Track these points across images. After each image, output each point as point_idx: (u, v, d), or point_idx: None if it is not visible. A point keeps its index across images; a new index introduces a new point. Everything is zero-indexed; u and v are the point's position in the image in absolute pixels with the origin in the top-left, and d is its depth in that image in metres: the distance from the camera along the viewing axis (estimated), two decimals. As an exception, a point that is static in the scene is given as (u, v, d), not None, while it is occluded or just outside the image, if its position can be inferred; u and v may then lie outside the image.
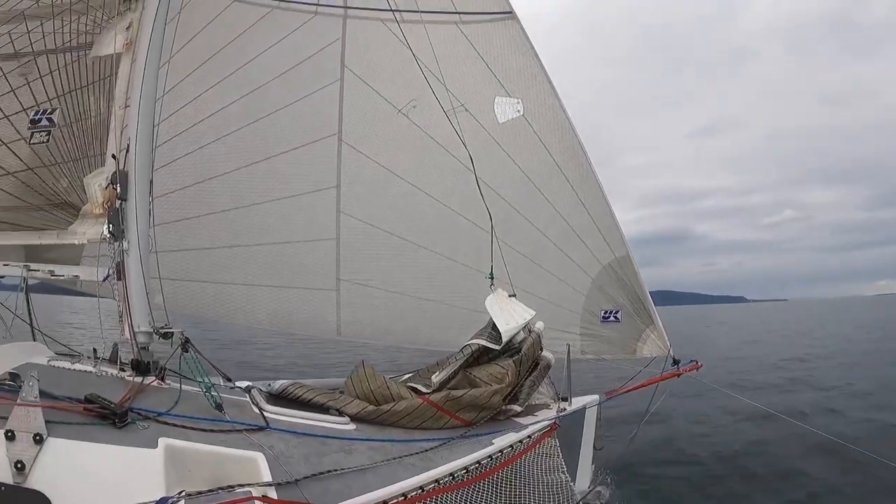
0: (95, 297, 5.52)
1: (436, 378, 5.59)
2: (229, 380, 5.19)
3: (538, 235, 7.34)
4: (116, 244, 4.87)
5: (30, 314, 5.59)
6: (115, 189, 4.89)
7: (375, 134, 7.70)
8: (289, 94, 7.59)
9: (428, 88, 6.91)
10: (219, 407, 4.21)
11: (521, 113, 7.27)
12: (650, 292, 7.34)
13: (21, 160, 5.51)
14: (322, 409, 4.99)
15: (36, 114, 5.53)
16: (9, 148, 5.56)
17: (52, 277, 5.54)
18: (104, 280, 5.08)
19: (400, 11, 7.08)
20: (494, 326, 5.85)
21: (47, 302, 6.03)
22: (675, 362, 6.68)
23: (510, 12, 7.28)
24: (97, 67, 5.53)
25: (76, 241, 5.31)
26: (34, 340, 5.44)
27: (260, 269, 7.79)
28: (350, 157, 7.70)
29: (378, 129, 7.69)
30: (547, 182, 7.27)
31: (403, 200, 7.66)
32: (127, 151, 4.94)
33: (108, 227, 4.89)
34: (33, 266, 5.45)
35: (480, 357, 5.83)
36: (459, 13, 7.33)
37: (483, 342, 5.78)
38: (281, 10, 7.50)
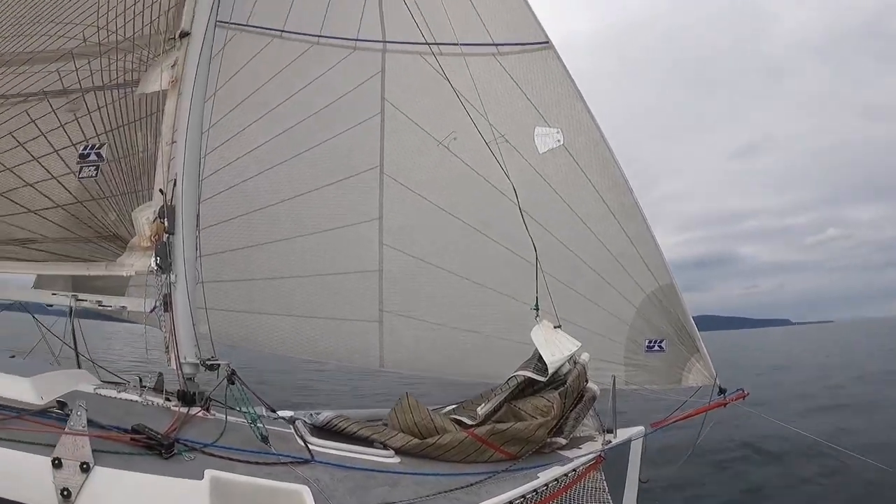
0: (139, 323, 5.60)
1: (481, 410, 5.54)
2: (273, 410, 5.20)
3: (581, 265, 7.29)
4: (164, 276, 4.94)
5: (75, 341, 5.69)
6: (163, 223, 4.98)
7: (417, 166, 7.74)
8: (330, 128, 7.68)
9: (468, 120, 6.92)
10: (264, 439, 4.22)
11: (562, 143, 7.27)
12: (693, 318, 7.24)
13: (70, 193, 5.63)
14: (367, 441, 4.98)
15: (85, 149, 5.65)
16: (58, 181, 5.68)
17: (100, 307, 5.64)
18: (151, 311, 5.16)
19: (438, 45, 7.14)
20: (540, 358, 5.79)
21: (89, 326, 6.12)
22: (722, 391, 6.56)
23: (546, 42, 7.31)
24: (144, 104, 5.64)
25: (124, 273, 5.40)
26: (79, 367, 5.53)
27: (302, 300, 7.82)
28: (392, 190, 7.74)
29: (419, 162, 7.74)
30: (589, 211, 7.24)
31: (446, 232, 7.67)
32: (174, 186, 5.04)
33: (156, 260, 4.98)
34: (81, 296, 5.56)
35: (525, 389, 5.77)
36: (497, 45, 7.38)
37: (529, 374, 5.72)
38: (321, 46, 7.62)
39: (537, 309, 6.26)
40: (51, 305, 5.77)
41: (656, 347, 7.20)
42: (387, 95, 7.70)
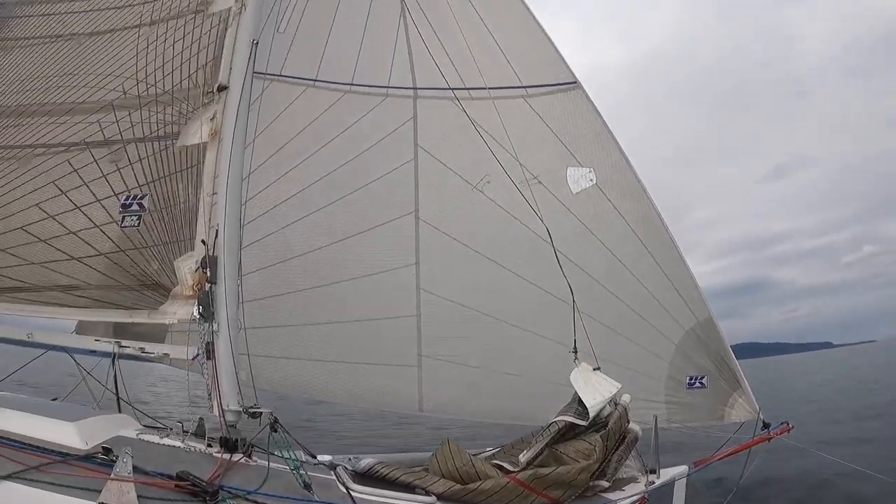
0: (181, 369, 5.65)
1: (523, 458, 5.50)
2: (313, 456, 5.22)
3: (618, 304, 7.27)
4: (206, 325, 5.01)
5: (116, 386, 5.77)
6: (205, 272, 5.06)
7: (452, 210, 7.82)
8: (365, 175, 7.80)
9: (500, 163, 7.00)
10: (307, 486, 4.24)
11: (595, 182, 7.32)
12: (730, 346, 7.19)
13: (113, 242, 5.70)
14: (408, 487, 4.97)
15: (127, 199, 5.75)
16: (101, 230, 5.76)
17: (143, 354, 5.71)
18: (193, 359, 5.22)
19: (468, 89, 7.29)
20: (580, 401, 5.76)
21: (126, 364, 6.21)
22: (766, 425, 6.48)
23: (574, 82, 7.41)
24: (184, 156, 5.75)
25: (166, 321, 5.46)
26: (119, 411, 5.60)
27: (341, 345, 7.86)
28: (428, 234, 7.81)
29: (454, 206, 7.82)
30: (624, 249, 7.26)
31: (483, 275, 7.69)
32: (216, 237, 5.13)
33: (198, 309, 5.03)
34: (125, 342, 5.61)
35: (567, 432, 5.73)
36: (525, 87, 7.50)
37: (569, 418, 5.68)
38: (353, 94, 7.78)
39: (576, 351, 6.24)
40: (93, 351, 5.86)
41: (697, 384, 7.13)
42: (420, 141, 7.82)
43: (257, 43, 5.73)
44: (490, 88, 7.35)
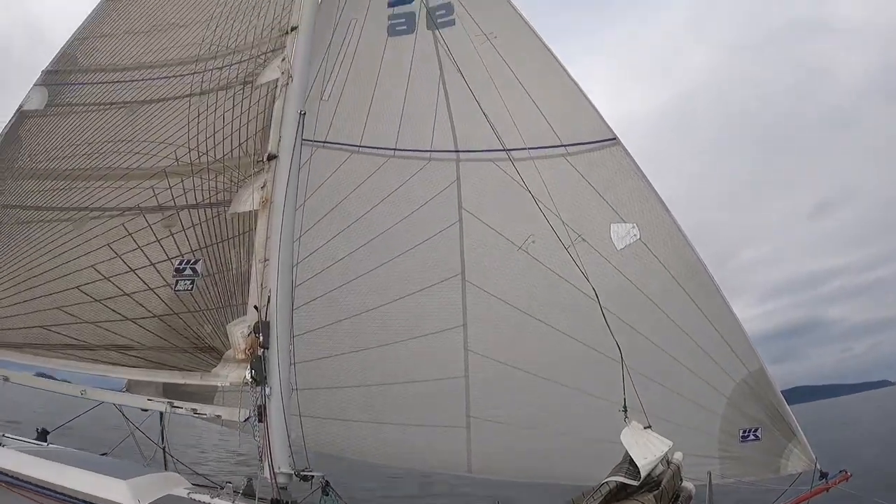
0: (232, 429, 5.70)
1: None
2: None
3: (667, 358, 7.14)
4: (258, 388, 5.12)
5: (165, 445, 5.88)
6: (258, 337, 5.20)
7: (498, 272, 7.83)
8: (411, 238, 7.91)
9: (544, 222, 7.00)
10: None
11: (638, 237, 7.28)
12: (783, 391, 7.00)
13: (167, 304, 5.88)
14: None
15: (180, 263, 5.95)
16: (155, 293, 5.94)
17: (195, 415, 5.83)
18: (245, 421, 5.32)
19: (509, 151, 7.31)
20: (631, 461, 5.68)
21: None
22: (823, 475, 6.30)
23: (613, 138, 7.44)
24: (236, 222, 5.94)
25: (219, 384, 5.59)
26: (166, 468, 5.70)
27: (390, 406, 7.88)
28: (475, 296, 7.82)
29: (500, 267, 7.83)
30: (670, 303, 7.16)
31: (530, 335, 7.64)
32: (268, 303, 5.27)
33: (251, 373, 5.15)
34: (177, 403, 5.74)
35: (618, 493, 5.66)
36: (565, 146, 7.54)
37: (621, 478, 5.60)
38: (397, 159, 7.97)
39: (626, 410, 6.18)
40: (145, 410, 6.00)
41: (751, 437, 6.95)
42: (464, 203, 7.91)
43: (305, 114, 5.94)
44: (530, 148, 7.47)
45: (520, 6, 7.91)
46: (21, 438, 6.63)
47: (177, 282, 5.88)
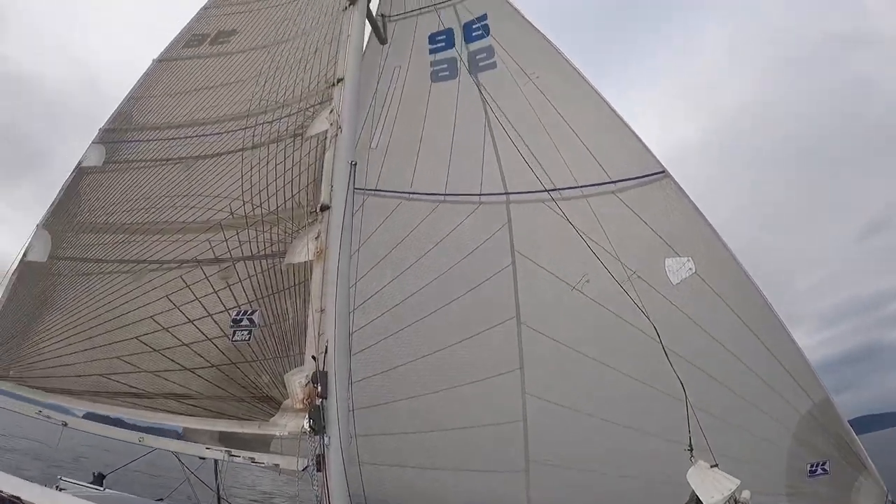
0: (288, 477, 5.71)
1: None
2: None
3: (729, 394, 6.99)
4: (317, 438, 5.14)
5: (219, 494, 5.93)
6: (316, 387, 5.23)
7: (553, 313, 7.78)
8: (465, 282, 7.92)
9: (598, 261, 6.95)
10: None
11: (694, 271, 7.19)
12: (848, 421, 6.79)
13: (224, 354, 5.95)
14: None
15: (238, 314, 6.03)
16: (213, 343, 6.02)
17: (253, 464, 5.87)
18: (303, 470, 5.34)
19: (559, 190, 7.38)
20: (698, 500, 5.59)
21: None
22: None
23: (662, 171, 7.40)
24: (292, 273, 6.02)
25: (277, 433, 5.60)
26: None
27: (447, 452, 7.85)
28: (531, 338, 7.77)
29: (555, 308, 7.77)
30: (730, 336, 7.03)
31: (588, 375, 7.56)
32: (325, 352, 5.32)
33: (309, 423, 5.18)
34: (235, 452, 5.78)
35: (686, 532, 5.55)
36: (615, 181, 7.52)
37: None
38: (447, 204, 8.05)
39: (691, 449, 6.06)
40: (203, 459, 6.06)
41: (819, 471, 6.73)
42: (516, 245, 7.92)
43: (356, 164, 6.04)
44: (580, 186, 7.48)
45: (556, 42, 7.99)
46: (78, 483, 6.77)
47: (234, 332, 5.95)
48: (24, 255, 7.07)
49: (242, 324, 5.99)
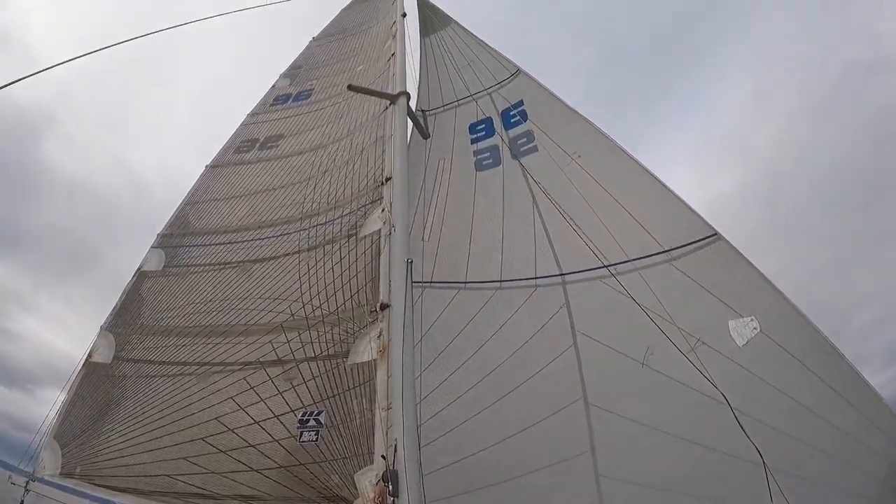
0: None
1: None
2: None
3: (812, 451, 6.67)
4: (389, 539, 5.12)
5: None
6: (387, 486, 5.23)
7: (620, 390, 7.64)
8: (529, 368, 7.86)
9: (660, 332, 6.93)
10: None
11: (759, 329, 7.02)
12: None
13: (292, 455, 5.97)
14: None
15: (304, 415, 6.09)
16: (280, 444, 6.06)
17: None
18: (378, 572, 5.30)
19: (614, 265, 7.42)
20: None
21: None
22: None
23: (715, 234, 7.38)
24: (356, 372, 6.10)
25: (348, 533, 5.61)
26: None
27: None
28: (600, 419, 7.62)
29: (622, 385, 7.64)
30: (805, 391, 6.78)
31: (663, 451, 7.30)
32: (395, 451, 5.33)
33: (382, 522, 5.16)
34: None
35: None
36: (667, 251, 7.52)
37: None
38: (504, 291, 8.08)
39: None
40: None
41: None
42: (576, 325, 7.88)
43: (412, 262, 6.16)
44: (633, 260, 7.51)
45: (586, 112, 8.22)
46: None
47: (301, 433, 5.99)
48: (89, 355, 7.26)
49: (309, 424, 6.04)
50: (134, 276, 7.96)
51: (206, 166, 9.61)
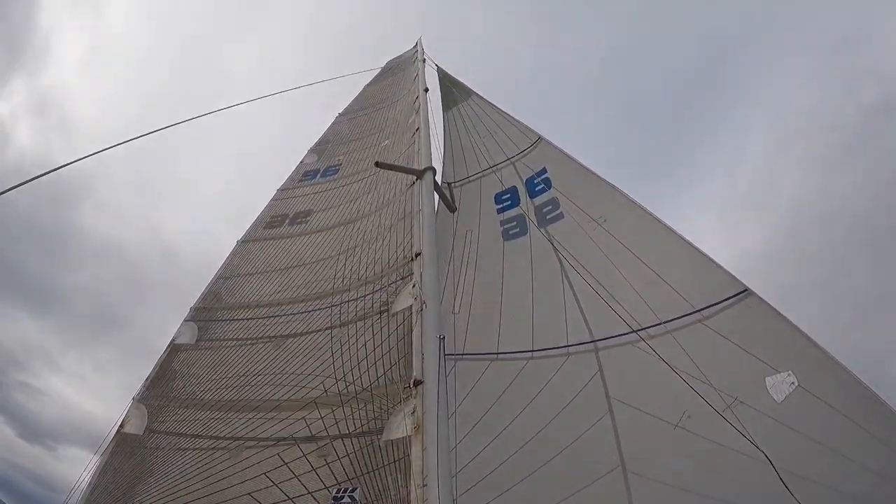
0: None
1: None
2: None
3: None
4: None
5: None
6: (428, 562, 5.19)
7: (659, 456, 7.49)
8: (565, 437, 7.77)
9: (696, 394, 6.85)
10: None
11: (797, 384, 6.88)
12: None
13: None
14: None
15: (338, 492, 6.05)
16: (318, 523, 6.05)
17: None
18: None
19: (645, 329, 7.39)
20: None
21: None
22: None
23: (746, 290, 7.32)
24: (390, 449, 6.08)
25: None
26: None
27: None
28: (639, 486, 7.45)
29: (660, 451, 7.49)
30: (849, 444, 6.55)
31: None
32: (432, 528, 5.30)
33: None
34: None
35: None
36: (699, 311, 7.45)
37: None
38: (536, 360, 8.04)
39: None
40: None
41: None
42: (611, 392, 7.81)
43: (444, 338, 6.20)
44: (665, 322, 7.45)
45: (609, 176, 8.31)
46: None
47: (337, 510, 6.00)
48: (121, 426, 7.29)
49: (343, 501, 6.00)
50: (167, 349, 8.03)
51: (238, 241, 9.81)
